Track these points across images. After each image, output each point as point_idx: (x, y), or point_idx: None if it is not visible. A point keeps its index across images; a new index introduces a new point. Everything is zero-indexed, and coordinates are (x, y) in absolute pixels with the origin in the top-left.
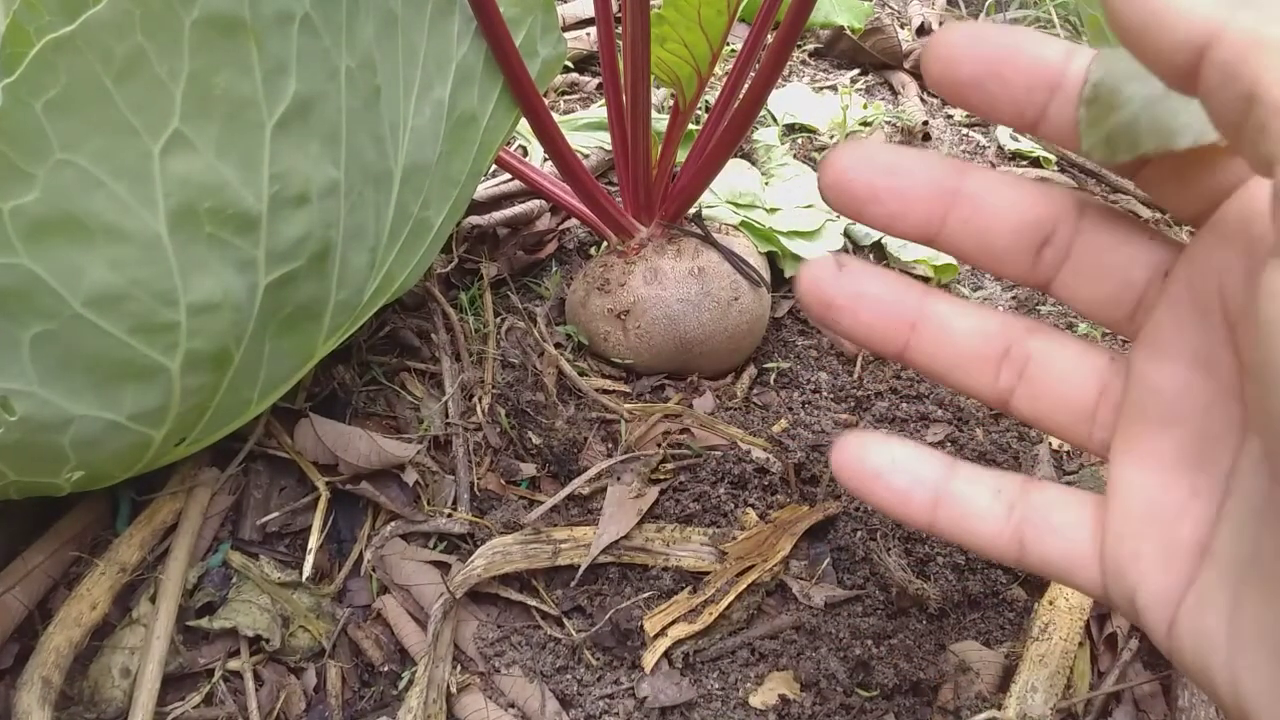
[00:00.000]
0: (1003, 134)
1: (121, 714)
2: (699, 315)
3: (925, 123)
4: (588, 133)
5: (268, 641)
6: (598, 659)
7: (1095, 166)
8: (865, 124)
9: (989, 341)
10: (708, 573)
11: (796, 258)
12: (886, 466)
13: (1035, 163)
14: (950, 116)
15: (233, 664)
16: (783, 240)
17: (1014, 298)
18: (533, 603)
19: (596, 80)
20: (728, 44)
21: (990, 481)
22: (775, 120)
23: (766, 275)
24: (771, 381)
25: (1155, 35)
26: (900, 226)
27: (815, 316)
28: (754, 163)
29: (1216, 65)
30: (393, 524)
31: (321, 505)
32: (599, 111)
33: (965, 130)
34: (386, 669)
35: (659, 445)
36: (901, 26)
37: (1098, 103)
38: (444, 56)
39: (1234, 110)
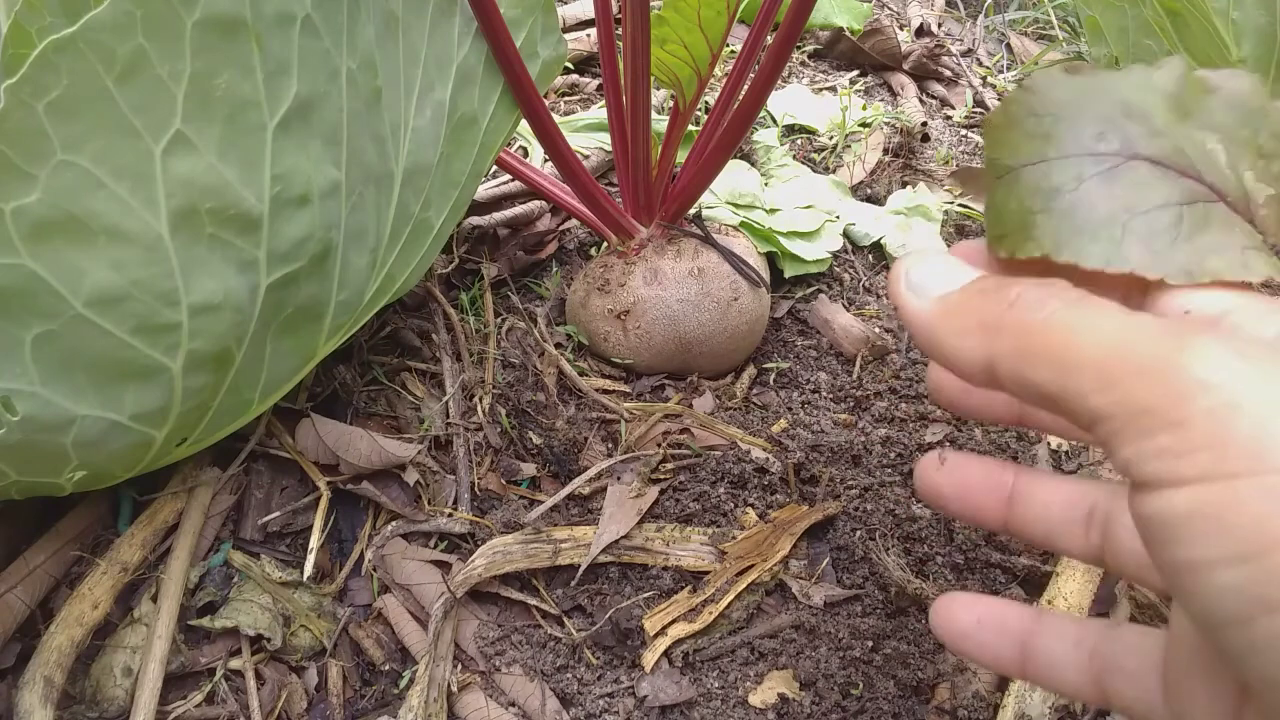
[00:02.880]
0: None
1: (123, 713)
2: (699, 315)
3: (924, 123)
4: (588, 134)
5: (269, 640)
6: (598, 658)
7: None
8: (864, 125)
9: (1074, 507)
10: (707, 572)
11: (796, 258)
12: (972, 627)
13: None
14: (949, 118)
15: (234, 663)
16: (782, 240)
17: None
18: (533, 602)
19: (597, 81)
20: (727, 45)
21: (1073, 634)
22: (775, 121)
23: (766, 275)
24: (771, 381)
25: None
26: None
27: (927, 500)
28: (754, 163)
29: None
30: (393, 523)
31: (322, 505)
32: (599, 112)
33: (964, 131)
34: (387, 668)
35: (659, 445)
36: (901, 28)
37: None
38: (445, 58)
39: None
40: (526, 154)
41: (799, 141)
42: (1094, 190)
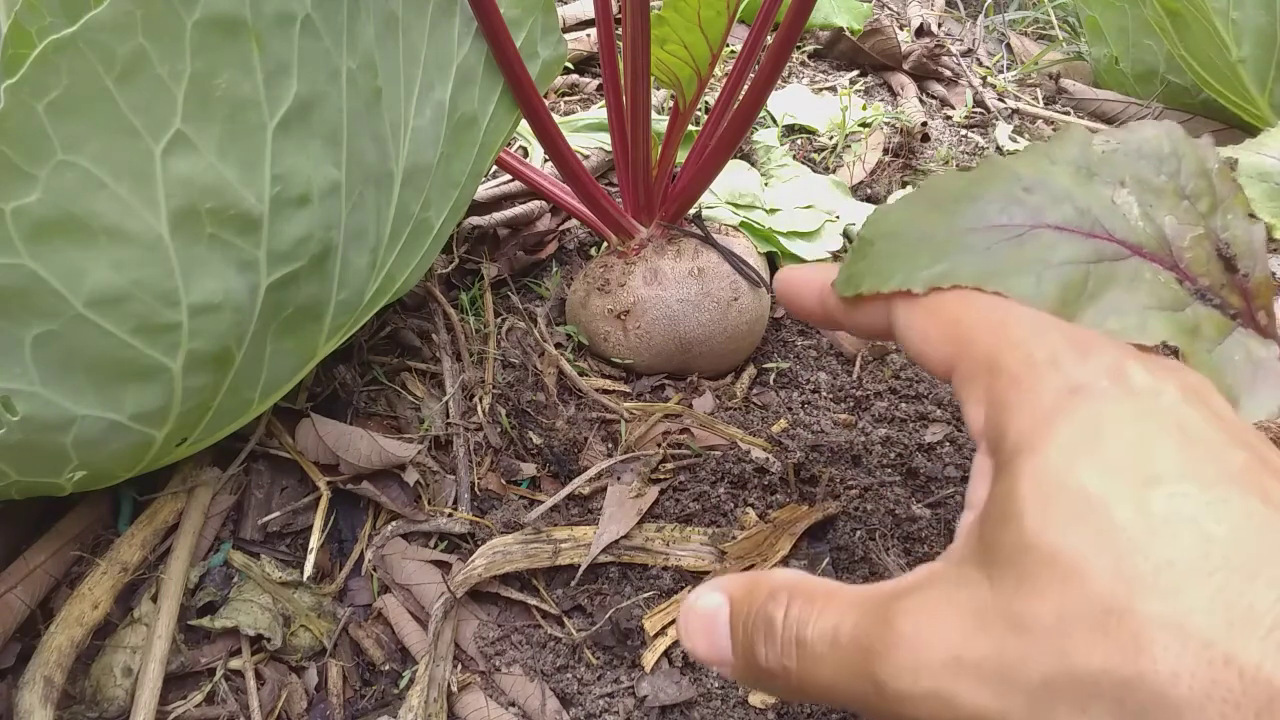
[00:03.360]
0: (1001, 135)
1: (123, 713)
2: (699, 315)
3: (924, 123)
4: (588, 134)
5: (269, 640)
6: (598, 658)
7: None
8: (864, 125)
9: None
10: (708, 572)
11: (796, 258)
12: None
13: None
14: (949, 118)
15: (234, 663)
16: (782, 240)
17: None
18: (533, 602)
19: (597, 81)
20: (727, 45)
21: None
22: (775, 121)
23: (766, 275)
24: (771, 381)
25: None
26: None
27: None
28: (753, 163)
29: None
30: (393, 523)
31: (322, 505)
32: (599, 113)
33: (964, 131)
34: (387, 668)
35: (659, 445)
36: (900, 28)
37: (852, 251)
38: (445, 58)
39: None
40: (526, 154)
41: (799, 141)
42: (1005, 250)
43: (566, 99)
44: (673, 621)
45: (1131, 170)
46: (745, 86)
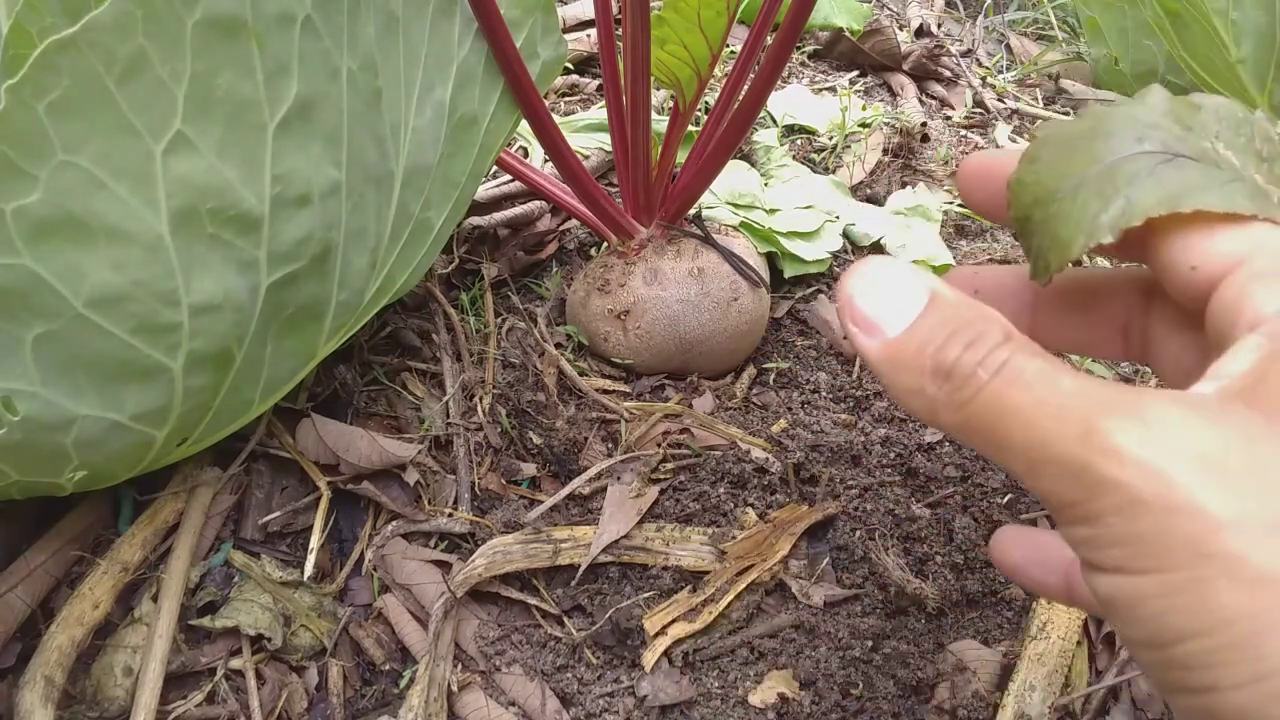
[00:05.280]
0: (1001, 135)
1: (124, 713)
2: (699, 315)
3: (924, 124)
4: (588, 134)
5: (269, 640)
6: (598, 658)
7: None
8: (864, 125)
9: None
10: (707, 572)
11: (796, 258)
12: (1021, 562)
13: None
14: (949, 118)
15: (235, 663)
16: (782, 241)
17: None
18: (533, 602)
19: (597, 82)
20: (727, 46)
21: None
22: (775, 121)
23: (766, 276)
24: (771, 381)
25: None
26: None
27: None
28: (753, 164)
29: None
30: (394, 523)
31: (323, 505)
32: (599, 113)
33: (963, 131)
34: (388, 667)
35: (659, 445)
36: (900, 28)
37: (1020, 235)
38: (445, 58)
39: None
40: (526, 154)
41: (799, 142)
42: (1170, 170)
43: (566, 99)
44: (673, 621)
45: (1217, 128)
46: (745, 87)
